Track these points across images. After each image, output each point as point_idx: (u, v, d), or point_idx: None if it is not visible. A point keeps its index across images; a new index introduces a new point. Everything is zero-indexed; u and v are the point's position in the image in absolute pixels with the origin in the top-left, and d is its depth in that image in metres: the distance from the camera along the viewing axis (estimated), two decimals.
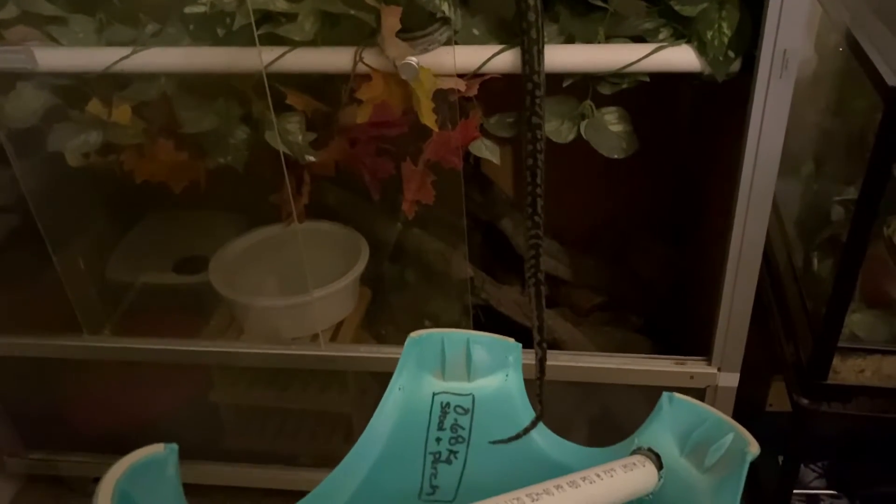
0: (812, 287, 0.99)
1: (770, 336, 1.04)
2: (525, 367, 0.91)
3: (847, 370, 0.93)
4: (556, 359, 1.01)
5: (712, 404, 0.99)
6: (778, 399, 1.20)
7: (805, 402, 0.95)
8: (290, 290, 1.12)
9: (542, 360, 0.90)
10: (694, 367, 0.97)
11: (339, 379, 1.15)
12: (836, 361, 0.92)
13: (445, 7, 0.80)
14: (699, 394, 0.98)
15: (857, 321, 0.95)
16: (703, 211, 1.11)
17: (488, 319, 1.24)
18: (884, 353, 0.92)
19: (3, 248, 1.17)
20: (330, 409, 1.19)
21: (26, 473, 1.32)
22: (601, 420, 1.10)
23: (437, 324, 1.24)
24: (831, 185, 1.01)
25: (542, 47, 0.79)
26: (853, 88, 0.94)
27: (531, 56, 0.79)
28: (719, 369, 0.96)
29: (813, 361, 0.93)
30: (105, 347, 1.11)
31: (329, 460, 1.19)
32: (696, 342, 1.00)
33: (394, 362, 1.06)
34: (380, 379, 1.14)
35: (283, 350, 1.08)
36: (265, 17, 0.84)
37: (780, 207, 1.13)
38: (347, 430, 1.20)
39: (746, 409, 1.20)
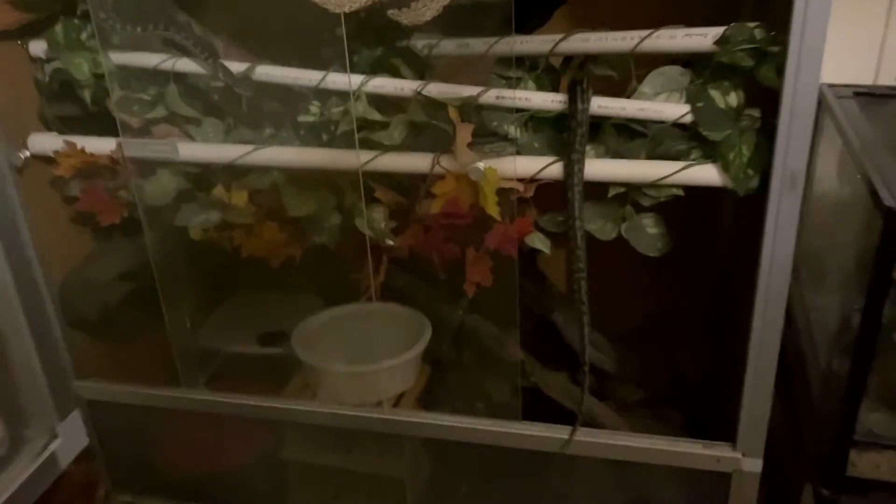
0: (832, 385, 1.07)
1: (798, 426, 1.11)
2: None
3: (864, 464, 1.00)
4: (594, 436, 1.11)
5: (738, 489, 1.07)
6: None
7: (825, 492, 1.01)
8: (360, 360, 1.26)
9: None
10: (720, 451, 1.04)
11: (397, 445, 1.26)
12: (853, 455, 0.99)
13: (512, 129, 0.98)
14: (725, 478, 1.06)
15: (876, 420, 1.02)
16: (737, 311, 1.21)
17: (537, 402, 1.34)
18: None
19: (124, 306, 1.35)
20: (385, 473, 1.29)
21: None
22: (635, 499, 1.17)
23: (489, 404, 1.35)
24: (851, 294, 1.11)
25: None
26: (864, 209, 1.06)
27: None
28: (743, 454, 1.03)
29: (831, 454, 1.00)
30: (198, 399, 1.25)
31: None
32: (725, 427, 1.08)
33: (451, 430, 1.18)
34: (435, 446, 1.25)
35: (351, 412, 1.20)
36: (361, 125, 1.03)
37: (809, 312, 1.22)
38: (400, 496, 1.30)
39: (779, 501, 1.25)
